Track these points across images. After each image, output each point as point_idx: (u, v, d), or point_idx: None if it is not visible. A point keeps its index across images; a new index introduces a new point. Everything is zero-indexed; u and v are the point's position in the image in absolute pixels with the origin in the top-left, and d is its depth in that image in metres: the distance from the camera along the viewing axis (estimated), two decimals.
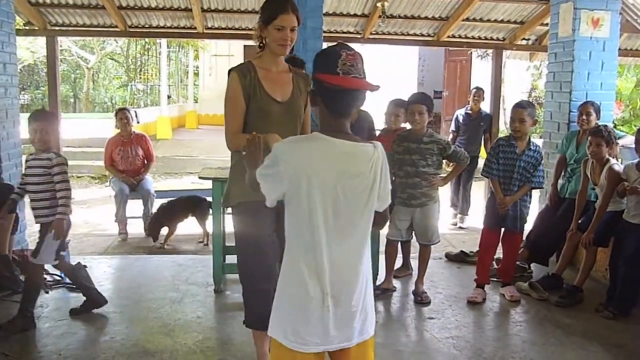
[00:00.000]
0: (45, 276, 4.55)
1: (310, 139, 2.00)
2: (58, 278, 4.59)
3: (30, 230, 5.99)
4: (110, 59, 25.86)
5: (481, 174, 4.48)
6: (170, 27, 7.38)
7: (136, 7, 6.85)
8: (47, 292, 4.36)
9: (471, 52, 14.58)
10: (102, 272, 4.92)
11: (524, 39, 7.80)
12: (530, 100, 6.12)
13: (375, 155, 1.96)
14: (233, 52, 17.31)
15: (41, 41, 11.83)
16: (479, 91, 7.23)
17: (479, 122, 7.08)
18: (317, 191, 1.91)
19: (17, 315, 3.71)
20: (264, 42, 2.86)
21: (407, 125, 4.58)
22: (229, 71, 2.91)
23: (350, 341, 1.97)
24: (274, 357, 2.03)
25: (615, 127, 7.51)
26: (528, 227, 5.19)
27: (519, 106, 4.36)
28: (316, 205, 1.91)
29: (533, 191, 4.54)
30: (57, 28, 7.03)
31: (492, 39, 7.88)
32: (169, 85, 18.81)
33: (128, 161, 6.41)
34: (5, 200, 4.26)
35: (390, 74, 16.00)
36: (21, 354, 3.37)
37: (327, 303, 1.91)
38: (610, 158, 4.33)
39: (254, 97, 2.85)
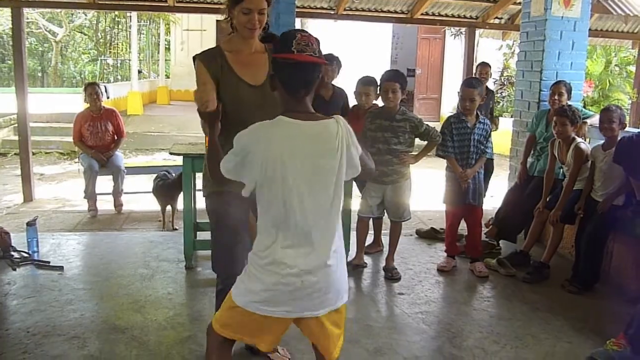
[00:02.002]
0: (12, 253, 4.51)
1: (274, 124, 2.02)
2: (25, 255, 4.52)
3: None
4: (79, 32, 25.30)
5: (436, 155, 4.50)
6: (140, 0, 7.22)
7: None
8: (14, 270, 4.30)
9: (444, 31, 14.62)
10: (72, 249, 4.86)
11: (496, 17, 7.83)
12: (479, 78, 6.05)
13: (340, 130, 2.02)
14: (205, 26, 17.07)
15: (6, 13, 11.46)
16: (485, 67, 6.53)
17: (487, 101, 6.04)
18: (289, 175, 1.96)
19: None
20: (232, 23, 2.68)
21: (379, 103, 4.58)
22: (194, 58, 2.72)
23: (319, 311, 2.05)
24: (228, 314, 2.10)
25: (584, 106, 7.64)
26: (497, 204, 5.29)
27: (469, 86, 4.40)
28: (291, 189, 1.97)
29: (498, 173, 4.60)
30: None
31: (465, 17, 7.90)
32: (140, 60, 18.47)
33: (97, 137, 6.30)
34: None
35: (364, 51, 15.95)
36: None
37: (301, 278, 1.98)
38: (577, 137, 4.41)
39: (224, 82, 2.66)
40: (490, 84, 7.18)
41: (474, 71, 6.33)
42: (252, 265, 2.06)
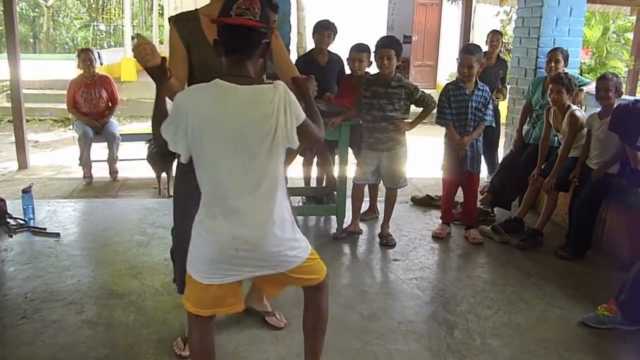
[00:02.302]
0: (8, 220, 4.52)
1: (210, 86, 2.01)
2: (22, 222, 4.53)
3: None
4: None
5: (435, 122, 4.50)
6: None
7: None
8: (10, 236, 4.32)
9: None
10: (68, 216, 4.87)
11: None
12: (477, 44, 6.00)
13: (277, 96, 1.97)
14: None
15: None
16: (496, 34, 6.23)
17: (497, 69, 6.08)
18: (219, 139, 1.96)
19: None
20: None
21: (371, 71, 4.56)
22: (169, 20, 2.66)
23: (262, 272, 2.10)
24: (188, 287, 2.14)
25: (581, 73, 7.60)
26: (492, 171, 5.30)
27: (467, 52, 4.36)
28: (220, 153, 1.97)
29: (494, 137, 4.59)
30: None
31: None
32: (133, 26, 18.26)
33: (92, 103, 6.25)
34: None
35: (360, 17, 15.79)
36: None
37: (235, 246, 1.99)
38: (572, 105, 4.41)
39: (193, 46, 2.58)
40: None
41: (486, 39, 6.20)
42: (194, 232, 2.08)
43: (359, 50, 4.57)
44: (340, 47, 5.03)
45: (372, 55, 4.39)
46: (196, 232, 2.06)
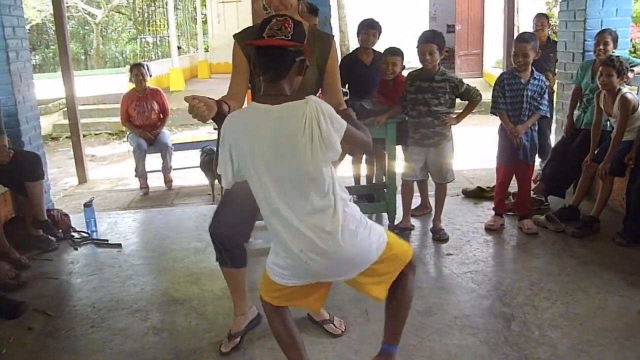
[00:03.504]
0: (73, 234, 4.73)
1: (246, 110, 2.10)
2: (85, 235, 4.74)
3: (54, 190, 6.17)
4: (117, 12, 25.67)
5: (490, 112, 4.46)
6: None
7: None
8: (76, 249, 4.51)
9: None
10: (128, 227, 5.06)
11: None
12: (538, 29, 5.89)
13: (308, 110, 1.96)
14: None
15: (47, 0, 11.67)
16: (541, 18, 6.17)
17: (549, 52, 5.90)
18: (259, 160, 2.00)
19: None
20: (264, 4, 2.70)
21: (404, 74, 4.57)
22: (233, 37, 2.78)
23: (340, 278, 2.17)
24: (266, 281, 2.28)
25: (634, 52, 7.36)
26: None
27: (522, 40, 4.28)
28: (262, 173, 2.01)
29: (544, 123, 4.50)
30: None
31: None
32: (178, 36, 18.63)
33: (144, 116, 6.47)
34: (39, 169, 4.41)
35: (402, 10, 15.71)
36: (57, 309, 3.52)
37: (304, 259, 2.04)
38: (622, 87, 4.29)
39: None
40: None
41: (532, 23, 6.10)
42: (272, 246, 2.19)
43: (393, 53, 4.59)
44: (384, 42, 5.03)
45: (408, 54, 4.37)
46: (272, 242, 2.17)
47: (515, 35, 5.26)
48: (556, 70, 5.90)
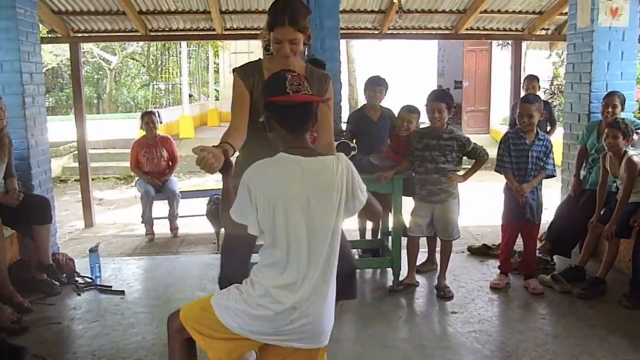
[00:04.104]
0: (77, 279, 4.73)
1: (275, 161, 2.04)
2: (89, 280, 4.73)
3: (60, 233, 6.19)
4: (131, 59, 26.20)
5: (495, 170, 4.51)
6: (189, 30, 7.49)
7: (156, 12, 6.97)
8: (79, 295, 4.50)
9: (491, 42, 14.49)
10: (132, 273, 5.06)
11: (543, 29, 7.75)
12: (537, 94, 5.95)
13: (340, 168, 2.01)
14: (252, 49, 17.44)
15: (63, 44, 11.99)
16: (533, 80, 6.28)
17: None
18: (290, 212, 1.98)
19: None
20: (268, 46, 2.74)
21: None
22: (233, 70, 2.81)
23: (299, 344, 2.06)
24: (202, 315, 2.19)
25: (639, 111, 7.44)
26: (549, 218, 5.21)
27: (527, 101, 4.37)
28: (291, 225, 1.98)
29: (550, 184, 4.52)
30: (79, 35, 7.18)
31: (510, 30, 7.84)
32: (190, 84, 18.99)
33: (153, 163, 6.55)
34: (47, 213, 4.46)
35: (410, 65, 15.97)
36: (58, 356, 3.49)
37: (291, 317, 2.00)
38: (628, 150, 4.34)
39: (257, 99, 2.69)
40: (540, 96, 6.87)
41: (522, 84, 6.22)
42: (246, 294, 2.07)
43: (409, 111, 4.67)
44: (392, 97, 5.12)
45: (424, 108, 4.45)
46: (251, 293, 2.06)
47: (522, 94, 5.35)
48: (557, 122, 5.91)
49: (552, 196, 6.08)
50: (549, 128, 5.87)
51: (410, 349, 3.52)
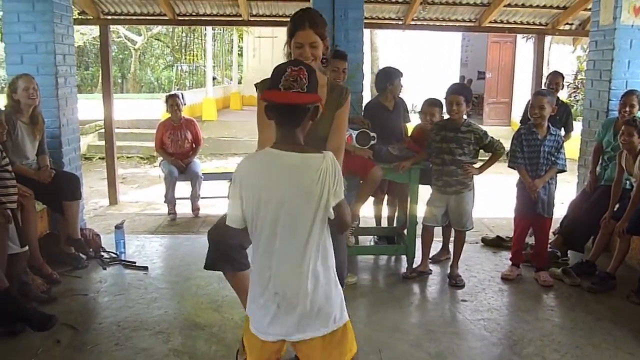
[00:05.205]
0: (103, 254, 4.92)
1: (260, 155, 2.13)
2: (114, 255, 4.93)
3: (86, 209, 6.39)
4: (156, 39, 26.40)
5: (508, 166, 4.59)
6: (216, 15, 7.60)
7: None
8: (104, 269, 4.70)
9: (515, 34, 14.40)
10: (155, 250, 5.25)
11: (567, 23, 7.75)
12: (559, 93, 5.94)
13: (324, 165, 2.00)
14: (276, 33, 17.52)
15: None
16: (557, 77, 5.89)
17: (555, 116, 5.06)
18: (268, 206, 2.03)
19: None
20: (291, 54, 2.77)
21: None
22: (255, 85, 2.83)
23: (303, 334, 2.08)
24: (247, 335, 2.22)
25: None
26: (562, 213, 5.30)
27: (539, 94, 4.47)
28: (269, 219, 2.04)
29: (568, 179, 4.59)
30: (109, 17, 7.34)
31: (534, 24, 7.86)
32: (214, 66, 19.12)
33: (177, 145, 6.72)
34: (77, 190, 4.64)
35: (434, 53, 15.91)
36: (84, 325, 3.69)
37: (277, 302, 2.06)
38: None
39: None
40: (563, 95, 6.71)
41: (545, 80, 6.23)
42: (250, 282, 2.17)
43: (431, 104, 4.79)
44: (415, 87, 5.19)
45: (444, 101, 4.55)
46: (252, 280, 2.16)
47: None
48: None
49: (569, 191, 6.16)
50: (563, 133, 5.79)
51: (420, 333, 3.66)
